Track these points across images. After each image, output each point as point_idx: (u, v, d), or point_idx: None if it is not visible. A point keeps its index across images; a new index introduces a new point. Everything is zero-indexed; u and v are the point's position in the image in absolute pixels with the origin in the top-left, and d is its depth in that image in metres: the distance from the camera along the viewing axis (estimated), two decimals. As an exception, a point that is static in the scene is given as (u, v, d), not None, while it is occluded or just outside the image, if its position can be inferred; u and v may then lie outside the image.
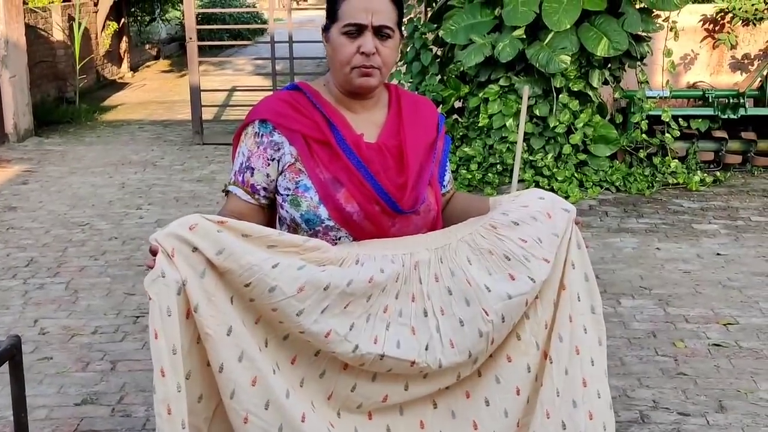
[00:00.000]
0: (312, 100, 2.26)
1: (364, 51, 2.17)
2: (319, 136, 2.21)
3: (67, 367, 4.50)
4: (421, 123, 2.36)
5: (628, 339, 4.79)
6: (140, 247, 6.44)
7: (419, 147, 2.30)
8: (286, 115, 2.23)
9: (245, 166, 2.27)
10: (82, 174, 8.86)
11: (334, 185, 2.19)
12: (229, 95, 13.41)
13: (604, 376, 2.33)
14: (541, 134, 7.82)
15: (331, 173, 2.19)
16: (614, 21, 7.60)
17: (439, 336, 2.14)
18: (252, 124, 2.28)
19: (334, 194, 2.17)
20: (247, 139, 2.27)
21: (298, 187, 2.21)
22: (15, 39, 10.58)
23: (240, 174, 2.27)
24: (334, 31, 2.21)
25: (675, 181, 7.98)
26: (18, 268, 6.02)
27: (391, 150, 2.26)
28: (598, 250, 6.26)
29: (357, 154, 2.20)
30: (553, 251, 2.26)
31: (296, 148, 2.21)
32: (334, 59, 2.24)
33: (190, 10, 10.29)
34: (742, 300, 5.35)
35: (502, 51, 7.50)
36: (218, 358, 1.94)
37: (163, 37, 21.15)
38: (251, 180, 2.26)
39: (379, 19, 2.17)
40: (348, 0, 2.18)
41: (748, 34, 9.44)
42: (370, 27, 2.17)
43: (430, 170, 2.32)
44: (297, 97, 2.28)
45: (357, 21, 2.16)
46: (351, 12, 2.17)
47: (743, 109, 8.48)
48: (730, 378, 4.33)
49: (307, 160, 2.20)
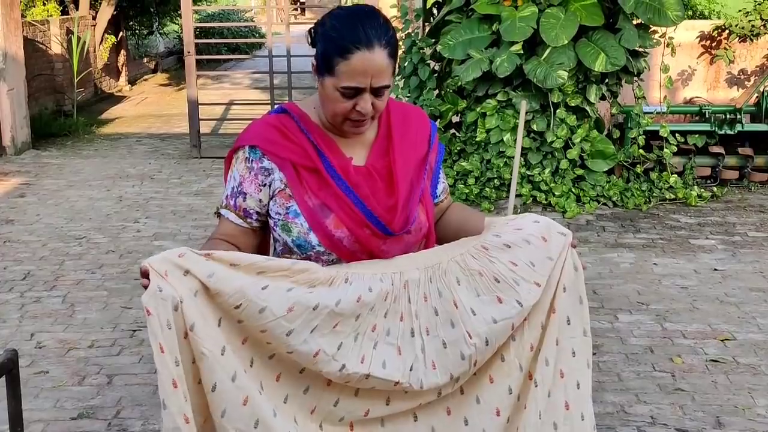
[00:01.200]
0: (300, 125, 2.24)
1: (360, 111, 2.14)
2: (308, 162, 2.19)
3: (63, 380, 4.49)
4: (411, 139, 2.34)
5: (626, 354, 4.79)
6: (137, 260, 6.43)
7: (409, 166, 2.28)
8: (274, 141, 2.21)
9: (237, 191, 2.26)
10: (79, 187, 8.86)
11: (322, 211, 2.18)
12: (226, 109, 13.43)
13: (589, 398, 2.32)
14: (539, 149, 7.84)
15: (320, 199, 2.18)
16: (612, 36, 7.63)
17: (423, 357, 2.15)
18: (242, 149, 2.26)
19: (322, 221, 2.17)
20: (238, 164, 2.26)
21: (289, 212, 2.20)
22: (13, 52, 10.59)
23: (232, 198, 2.27)
24: (329, 83, 2.13)
25: (672, 197, 7.99)
26: (15, 282, 6.00)
27: (380, 171, 2.24)
28: (595, 266, 6.26)
29: (345, 179, 2.19)
30: (546, 275, 2.24)
31: (285, 174, 2.20)
32: (325, 104, 2.19)
33: (188, 23, 10.31)
34: (739, 316, 5.35)
35: (499, 66, 7.52)
36: (212, 377, 1.95)
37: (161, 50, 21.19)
38: (243, 204, 2.26)
39: (378, 81, 2.11)
40: (347, 61, 2.08)
41: (745, 50, 9.48)
42: (369, 89, 2.12)
43: (420, 188, 2.30)
44: (285, 122, 2.25)
45: (356, 85, 2.10)
46: (350, 74, 2.09)
47: (740, 124, 8.50)
48: (728, 394, 4.33)
49: (296, 186, 2.19)
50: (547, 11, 7.62)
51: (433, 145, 2.40)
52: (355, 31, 2.09)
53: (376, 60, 2.09)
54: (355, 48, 2.08)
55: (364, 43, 2.08)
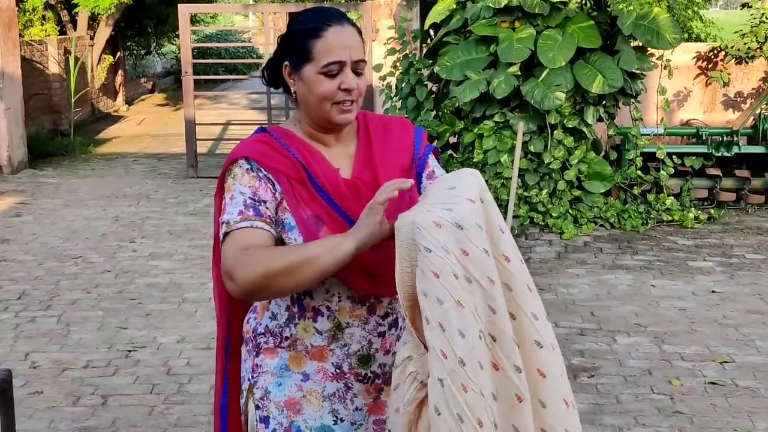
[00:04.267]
0: (280, 141, 2.21)
1: (346, 87, 2.14)
2: (297, 175, 2.17)
3: (57, 401, 4.45)
4: (392, 148, 2.31)
5: (624, 377, 4.76)
6: (133, 280, 6.41)
7: (393, 175, 2.24)
8: (267, 154, 2.18)
9: (253, 200, 2.13)
10: (75, 207, 8.84)
11: (316, 223, 2.14)
12: (224, 129, 13.44)
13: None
14: (536, 170, 7.84)
15: (313, 211, 2.15)
16: (609, 58, 7.65)
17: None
18: (237, 163, 2.19)
19: (316, 233, 2.12)
20: (241, 178, 2.17)
21: (284, 226, 2.15)
22: (11, 71, 10.60)
23: (249, 209, 2.12)
24: (309, 70, 2.14)
25: (669, 218, 7.99)
26: (10, 301, 5.97)
27: (366, 183, 2.21)
28: (593, 287, 6.24)
29: (331, 191, 2.16)
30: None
31: (281, 186, 2.16)
32: (308, 97, 2.18)
33: (186, 44, 10.34)
34: (737, 338, 5.33)
35: (497, 87, 7.53)
36: None
37: (158, 70, 21.26)
38: (267, 212, 2.13)
39: (356, 54, 2.15)
40: (322, 39, 2.12)
41: (741, 73, 9.51)
42: (350, 63, 2.14)
43: (408, 195, 2.25)
44: (267, 139, 2.23)
45: (339, 59, 2.12)
46: (329, 51, 2.12)
47: (737, 147, 8.52)
48: (727, 417, 4.30)
49: (291, 198, 2.15)
50: (544, 33, 7.65)
51: (420, 147, 2.36)
52: (321, 14, 2.16)
53: (349, 33, 2.15)
54: (327, 25, 2.13)
55: (334, 21, 2.14)
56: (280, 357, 2.20)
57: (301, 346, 2.17)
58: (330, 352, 2.17)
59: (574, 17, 7.78)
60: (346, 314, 2.16)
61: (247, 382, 2.24)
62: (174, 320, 5.63)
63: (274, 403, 2.19)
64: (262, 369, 2.21)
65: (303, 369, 2.18)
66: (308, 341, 2.17)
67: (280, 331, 2.19)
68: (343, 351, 2.17)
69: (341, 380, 2.18)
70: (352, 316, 2.16)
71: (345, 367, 2.17)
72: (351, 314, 2.16)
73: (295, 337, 2.18)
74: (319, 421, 2.18)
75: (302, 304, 2.17)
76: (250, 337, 2.25)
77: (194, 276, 6.45)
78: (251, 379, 2.23)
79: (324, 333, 2.16)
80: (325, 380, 2.18)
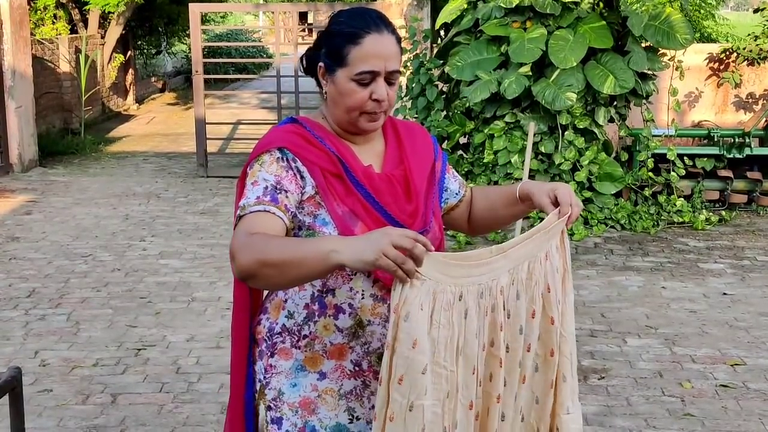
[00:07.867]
0: (314, 133, 2.21)
1: (377, 98, 2.13)
2: (333, 169, 2.15)
3: (67, 399, 4.46)
4: (420, 150, 2.34)
5: (635, 378, 4.74)
6: (143, 279, 6.41)
7: (423, 174, 2.29)
8: (301, 145, 2.17)
9: (275, 188, 2.09)
10: (85, 205, 8.85)
11: (351, 219, 2.13)
12: (234, 128, 13.44)
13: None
14: (547, 171, 7.82)
15: (348, 206, 2.14)
16: (620, 59, 7.62)
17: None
18: (269, 152, 2.15)
19: (352, 228, 2.11)
20: (268, 165, 2.12)
21: (316, 221, 2.13)
22: (22, 70, 10.62)
23: (267, 195, 2.08)
24: (342, 75, 2.13)
25: (680, 220, 7.96)
26: (20, 299, 5.98)
27: (398, 179, 2.22)
28: (603, 289, 6.22)
29: (368, 185, 2.16)
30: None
31: (315, 180, 2.14)
32: (339, 102, 2.17)
33: (196, 43, 10.35)
34: (749, 341, 5.30)
35: (507, 87, 7.52)
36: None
37: (168, 70, 21.28)
38: (285, 201, 2.09)
39: (391, 65, 2.13)
40: (360, 46, 2.10)
41: (753, 74, 9.47)
42: (384, 73, 2.13)
43: (433, 196, 2.30)
44: (300, 130, 2.22)
45: (372, 69, 2.11)
46: (365, 59, 2.10)
47: (749, 148, 8.47)
48: (738, 420, 4.28)
49: (326, 193, 2.13)
50: (556, 33, 7.62)
51: (438, 155, 2.40)
52: (362, 19, 2.14)
53: (387, 43, 2.13)
54: (366, 32, 2.11)
55: (373, 28, 2.12)
56: (294, 358, 2.19)
57: (319, 344, 2.16)
58: (350, 349, 2.16)
59: (585, 17, 7.75)
60: (368, 312, 2.15)
61: (258, 383, 2.23)
62: (183, 319, 5.63)
63: (288, 404, 2.18)
64: (276, 370, 2.20)
65: (319, 368, 2.17)
66: (327, 339, 2.16)
67: (298, 330, 2.18)
68: (363, 349, 2.16)
69: (359, 378, 2.17)
70: (373, 314, 2.15)
71: (364, 364, 2.17)
72: (372, 312, 2.15)
73: (313, 335, 2.16)
74: (334, 420, 2.17)
75: (323, 302, 2.16)
76: (264, 338, 2.23)
77: (204, 275, 6.44)
78: (263, 380, 2.21)
79: (345, 330, 2.15)
80: (343, 378, 2.17)
